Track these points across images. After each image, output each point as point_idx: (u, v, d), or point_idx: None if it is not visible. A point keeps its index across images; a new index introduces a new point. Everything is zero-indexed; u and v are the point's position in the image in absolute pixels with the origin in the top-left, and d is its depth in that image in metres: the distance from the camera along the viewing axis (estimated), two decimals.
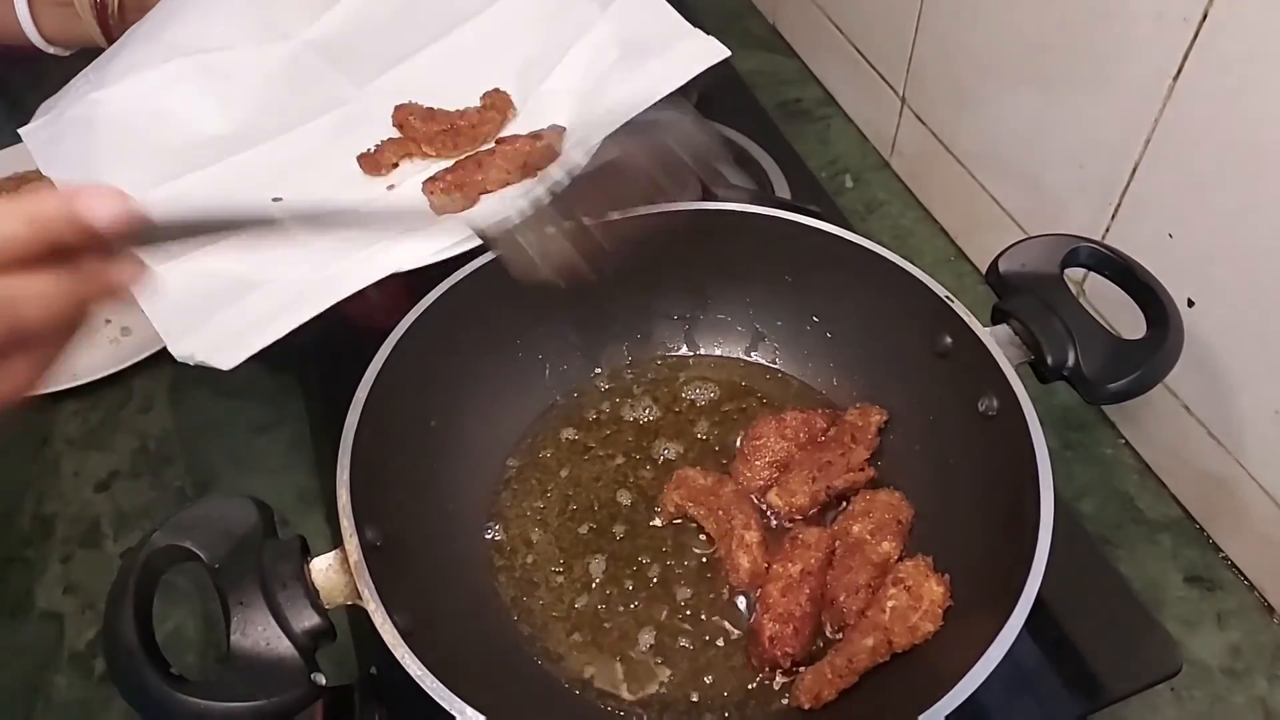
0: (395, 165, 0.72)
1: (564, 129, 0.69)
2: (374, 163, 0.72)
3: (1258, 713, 0.60)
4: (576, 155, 0.66)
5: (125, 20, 0.79)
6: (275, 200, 0.70)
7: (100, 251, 0.38)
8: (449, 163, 0.69)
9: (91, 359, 0.77)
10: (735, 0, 1.14)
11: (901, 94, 0.90)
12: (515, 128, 0.73)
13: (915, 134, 0.89)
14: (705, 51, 0.69)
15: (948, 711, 0.41)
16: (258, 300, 0.61)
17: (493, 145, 0.70)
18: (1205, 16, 0.57)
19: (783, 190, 0.83)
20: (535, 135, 0.69)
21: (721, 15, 1.12)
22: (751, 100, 0.96)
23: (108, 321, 0.80)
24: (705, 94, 0.86)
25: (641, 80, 0.68)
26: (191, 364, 0.58)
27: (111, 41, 0.78)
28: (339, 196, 0.71)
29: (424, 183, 0.68)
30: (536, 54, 0.76)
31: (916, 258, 0.87)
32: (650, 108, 0.63)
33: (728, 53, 0.69)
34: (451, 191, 0.66)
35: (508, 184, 0.67)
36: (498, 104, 0.73)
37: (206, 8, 0.78)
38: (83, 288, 0.37)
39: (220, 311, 0.61)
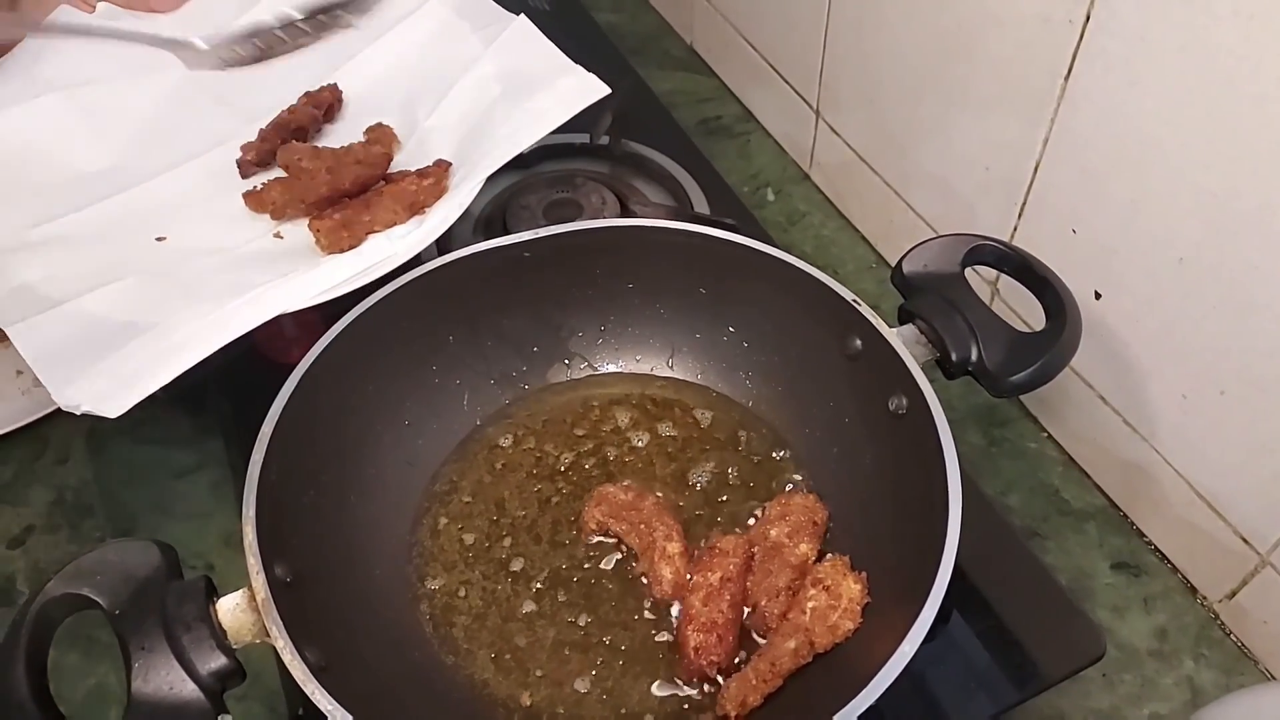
0: (280, 204, 0.71)
1: (449, 164, 0.70)
2: (259, 200, 0.71)
3: (1185, 691, 0.61)
4: (462, 192, 0.66)
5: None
6: (159, 240, 0.70)
7: None
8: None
9: (2, 412, 0.74)
10: (653, 22, 1.16)
11: (815, 107, 0.91)
12: (400, 163, 0.73)
13: (831, 145, 0.91)
14: (586, 88, 0.70)
15: (865, 707, 0.41)
16: (143, 345, 0.60)
17: (380, 185, 0.70)
18: (1088, 18, 0.59)
19: (701, 206, 0.84)
20: (422, 173, 0.69)
21: (640, 37, 1.13)
22: (669, 120, 0.97)
23: (19, 373, 0.78)
24: (620, 115, 0.87)
25: (524, 118, 0.69)
26: (78, 413, 0.57)
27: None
28: (225, 235, 0.70)
29: (310, 220, 0.67)
30: (420, 89, 0.76)
31: (839, 266, 0.89)
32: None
33: (608, 90, 0.70)
34: (339, 231, 0.66)
35: (395, 223, 0.67)
36: (382, 139, 0.73)
37: (83, 40, 0.76)
38: None
39: (105, 358, 0.59)
